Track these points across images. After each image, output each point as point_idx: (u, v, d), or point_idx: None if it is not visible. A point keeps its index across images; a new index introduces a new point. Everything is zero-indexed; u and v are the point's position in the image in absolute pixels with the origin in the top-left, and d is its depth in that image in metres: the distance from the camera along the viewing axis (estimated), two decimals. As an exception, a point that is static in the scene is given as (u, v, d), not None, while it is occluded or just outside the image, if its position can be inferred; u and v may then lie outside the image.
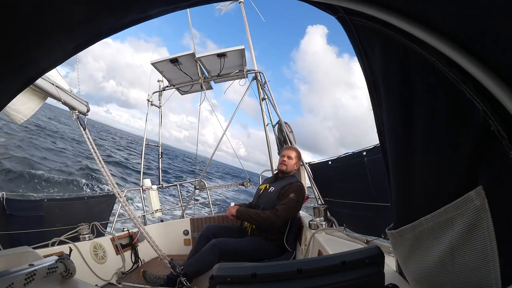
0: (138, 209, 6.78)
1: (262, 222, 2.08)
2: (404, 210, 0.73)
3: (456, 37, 0.46)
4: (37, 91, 1.62)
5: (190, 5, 0.66)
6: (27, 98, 1.60)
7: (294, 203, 2.12)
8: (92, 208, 3.19)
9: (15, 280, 0.70)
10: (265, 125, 3.42)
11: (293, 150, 2.45)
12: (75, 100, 1.89)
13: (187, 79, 3.63)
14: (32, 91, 1.61)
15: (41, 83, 1.60)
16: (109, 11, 0.63)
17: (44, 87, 1.62)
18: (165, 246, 2.88)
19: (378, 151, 1.48)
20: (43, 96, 1.68)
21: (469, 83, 0.45)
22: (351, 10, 0.59)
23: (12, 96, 0.84)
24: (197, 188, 3.79)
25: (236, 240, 2.12)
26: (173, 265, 1.69)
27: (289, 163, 2.37)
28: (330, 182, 2.28)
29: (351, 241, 1.51)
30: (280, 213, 2.06)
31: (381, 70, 0.68)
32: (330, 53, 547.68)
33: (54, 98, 1.72)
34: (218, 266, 0.60)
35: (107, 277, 2.09)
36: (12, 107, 1.51)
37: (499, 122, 0.42)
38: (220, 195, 14.93)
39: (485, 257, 0.48)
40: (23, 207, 2.68)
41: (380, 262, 0.65)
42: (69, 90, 1.85)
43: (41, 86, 1.60)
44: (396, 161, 0.71)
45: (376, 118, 0.77)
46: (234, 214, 2.15)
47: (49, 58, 0.75)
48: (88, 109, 2.03)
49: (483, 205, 0.47)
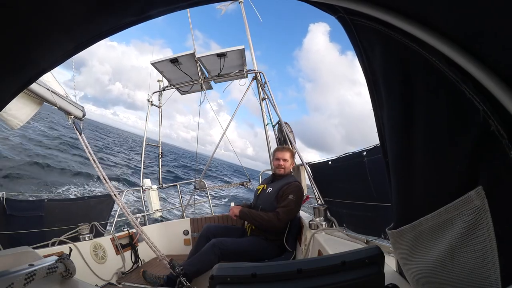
0: (138, 208, 6.79)
1: (264, 224, 2.09)
2: (404, 210, 0.73)
3: (456, 37, 0.46)
4: (32, 96, 1.63)
5: (190, 5, 0.66)
6: (23, 104, 1.61)
7: (293, 205, 2.13)
8: (92, 208, 3.19)
9: (15, 280, 0.70)
10: (265, 125, 3.42)
11: (287, 151, 2.42)
12: (70, 105, 1.90)
13: (187, 79, 3.63)
14: (27, 97, 1.61)
15: (36, 89, 1.60)
16: (109, 11, 0.63)
17: (39, 92, 1.63)
18: (165, 246, 2.88)
19: (378, 151, 1.48)
20: (39, 102, 1.69)
21: (469, 83, 0.45)
22: (351, 10, 0.59)
23: (13, 96, 0.84)
24: (197, 188, 3.79)
25: (236, 240, 2.12)
26: (173, 265, 1.69)
27: (286, 166, 2.36)
28: (330, 182, 2.28)
29: (351, 241, 1.51)
30: (282, 216, 2.07)
31: (381, 70, 0.68)
32: (333, 51, 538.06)
33: (49, 103, 1.73)
34: (218, 266, 0.60)
35: (107, 277, 2.09)
36: (8, 113, 1.52)
37: (499, 122, 0.42)
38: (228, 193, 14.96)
39: (485, 257, 0.48)
40: (23, 207, 2.69)
41: (380, 262, 0.65)
42: (65, 95, 1.86)
43: (37, 91, 1.61)
44: (396, 161, 0.71)
45: (377, 118, 0.77)
46: (237, 214, 2.15)
47: (49, 58, 0.75)
48: (84, 114, 2.04)
49: (483, 205, 0.47)
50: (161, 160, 3.99)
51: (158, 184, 3.84)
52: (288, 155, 2.39)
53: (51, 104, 1.73)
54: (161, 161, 3.98)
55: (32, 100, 1.65)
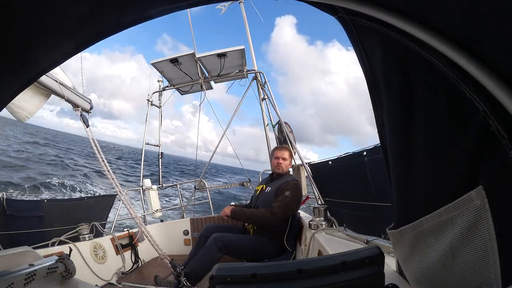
0: (137, 208, 6.78)
1: (258, 220, 2.08)
2: (405, 210, 0.73)
3: (456, 37, 0.46)
4: (40, 88, 1.62)
5: (190, 5, 0.66)
6: (31, 96, 1.60)
7: (289, 200, 2.11)
8: (92, 208, 3.19)
9: (15, 280, 0.70)
10: (265, 125, 3.42)
11: (285, 150, 2.43)
12: (78, 98, 1.89)
13: (187, 79, 3.63)
14: (36, 88, 1.61)
15: (44, 80, 1.60)
16: (109, 11, 0.63)
17: (47, 84, 1.62)
18: (165, 246, 2.88)
19: (378, 151, 1.48)
20: (47, 94, 1.68)
21: (469, 83, 0.45)
22: (351, 10, 0.59)
23: (13, 95, 0.84)
24: (197, 188, 3.79)
25: (238, 236, 2.13)
26: (174, 265, 1.69)
27: (284, 164, 2.37)
28: (330, 182, 2.28)
29: (351, 241, 1.51)
30: (275, 209, 2.05)
31: (381, 70, 0.68)
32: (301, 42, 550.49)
33: (57, 95, 1.72)
34: (218, 266, 0.59)
35: (107, 277, 2.09)
36: (16, 104, 1.51)
37: (499, 122, 0.42)
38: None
39: (485, 257, 0.48)
40: (23, 208, 2.68)
41: (380, 262, 0.65)
42: (73, 88, 1.85)
43: (45, 83, 1.61)
44: (396, 161, 0.72)
45: (377, 118, 0.77)
46: (229, 214, 2.14)
47: (49, 58, 0.75)
48: (91, 107, 2.02)
49: (483, 205, 0.47)
50: (161, 161, 3.99)
51: (158, 184, 3.84)
52: (287, 154, 2.40)
53: (59, 96, 1.73)
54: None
55: (40, 92, 1.65)
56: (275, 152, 2.44)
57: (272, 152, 2.51)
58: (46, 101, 1.69)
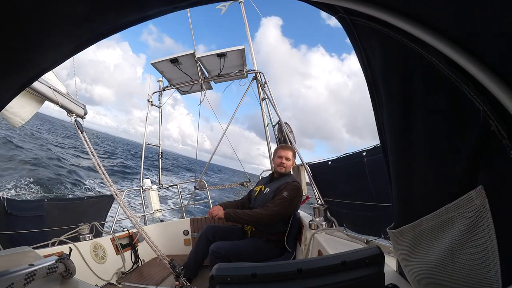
0: (137, 208, 6.78)
1: (252, 220, 2.06)
2: (405, 210, 0.73)
3: (456, 37, 0.46)
4: (34, 94, 1.62)
5: (190, 5, 0.66)
6: (25, 102, 1.60)
7: (286, 200, 2.07)
8: (92, 208, 3.19)
9: (15, 280, 0.70)
10: (265, 125, 3.42)
11: (290, 150, 2.37)
12: (72, 103, 1.89)
13: (187, 79, 3.64)
14: (29, 95, 1.61)
15: (38, 87, 1.60)
16: (109, 11, 0.63)
17: (41, 90, 1.62)
18: (165, 246, 2.88)
19: (378, 151, 1.48)
20: (41, 100, 1.69)
21: (469, 83, 0.45)
22: (351, 10, 0.59)
23: (13, 95, 0.84)
24: (197, 188, 3.79)
25: (234, 243, 2.11)
26: (173, 265, 1.69)
27: (288, 165, 2.30)
28: (330, 182, 2.27)
29: (351, 241, 1.51)
30: (270, 206, 2.03)
31: (381, 70, 0.68)
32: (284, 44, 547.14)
33: (51, 101, 1.72)
34: (218, 266, 0.59)
35: (107, 277, 2.09)
36: (10, 111, 1.52)
37: (499, 122, 0.42)
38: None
39: (485, 256, 0.48)
40: (23, 207, 2.68)
41: (380, 262, 0.65)
42: (67, 94, 1.85)
43: (39, 89, 1.60)
44: (396, 161, 0.72)
45: (377, 118, 0.77)
46: (222, 217, 2.10)
47: (49, 58, 0.75)
48: (85, 112, 2.02)
49: (483, 204, 0.47)
50: (161, 160, 3.99)
51: (158, 184, 3.84)
52: (291, 154, 2.34)
53: (53, 102, 1.73)
54: (160, 161, 3.96)
55: (34, 98, 1.65)
56: (279, 151, 2.36)
57: (276, 151, 2.43)
58: (40, 107, 1.70)
